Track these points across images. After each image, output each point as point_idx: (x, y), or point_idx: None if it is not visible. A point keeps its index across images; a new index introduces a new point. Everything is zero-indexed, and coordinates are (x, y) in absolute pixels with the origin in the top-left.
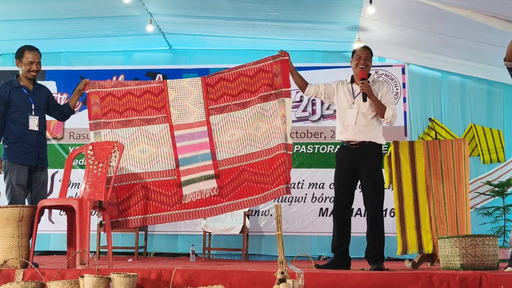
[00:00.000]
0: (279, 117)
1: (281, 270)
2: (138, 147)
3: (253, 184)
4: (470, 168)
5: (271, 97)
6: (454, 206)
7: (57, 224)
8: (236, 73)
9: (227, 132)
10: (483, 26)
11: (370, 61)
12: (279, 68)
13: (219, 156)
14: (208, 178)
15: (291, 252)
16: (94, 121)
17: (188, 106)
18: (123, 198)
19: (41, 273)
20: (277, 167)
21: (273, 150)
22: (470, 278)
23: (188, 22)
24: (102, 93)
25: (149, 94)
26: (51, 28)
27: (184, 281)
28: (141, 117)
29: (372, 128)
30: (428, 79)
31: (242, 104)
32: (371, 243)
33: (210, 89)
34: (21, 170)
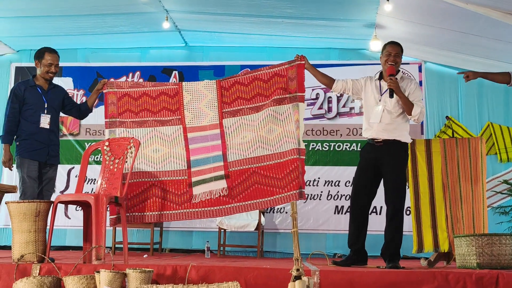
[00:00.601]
0: (292, 122)
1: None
2: (151, 147)
3: (263, 187)
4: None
5: (285, 101)
6: (471, 205)
7: (73, 220)
8: (251, 77)
9: (239, 135)
10: (501, 23)
11: (400, 58)
12: (294, 73)
13: (230, 157)
14: (218, 178)
15: (306, 249)
16: (109, 120)
17: (202, 108)
18: (132, 194)
19: (57, 268)
20: (290, 172)
21: (285, 155)
22: (486, 277)
23: (204, 19)
24: (119, 93)
25: (165, 96)
26: (67, 24)
27: (199, 277)
28: (155, 118)
29: (397, 126)
30: (445, 77)
31: (256, 108)
32: (388, 241)
33: (225, 92)
34: (31, 164)
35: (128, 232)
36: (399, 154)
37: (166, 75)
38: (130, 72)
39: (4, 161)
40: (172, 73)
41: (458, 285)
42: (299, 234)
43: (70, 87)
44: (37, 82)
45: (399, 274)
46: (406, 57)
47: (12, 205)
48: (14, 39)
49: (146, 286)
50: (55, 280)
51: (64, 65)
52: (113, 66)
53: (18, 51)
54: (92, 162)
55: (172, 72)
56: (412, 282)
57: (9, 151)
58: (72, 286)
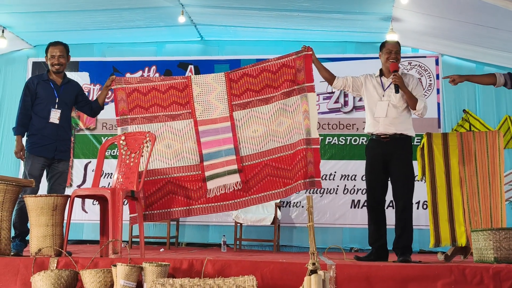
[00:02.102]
0: (300, 113)
1: (312, 261)
2: (164, 142)
3: (275, 179)
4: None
5: (294, 92)
6: (488, 199)
7: (90, 214)
8: (259, 69)
9: (250, 128)
10: None
11: (400, 54)
12: (302, 63)
13: (242, 152)
14: (231, 172)
15: (323, 243)
16: (121, 117)
17: (211, 101)
18: (150, 192)
19: (75, 262)
20: (297, 162)
21: (294, 146)
22: (503, 271)
23: (220, 13)
24: (128, 89)
25: (174, 90)
26: (84, 19)
27: (216, 271)
28: (166, 113)
29: (403, 120)
30: (462, 70)
31: (265, 99)
32: (399, 235)
33: (234, 84)
34: (35, 161)
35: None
36: (406, 149)
37: (182, 69)
38: (146, 66)
39: (16, 152)
40: (188, 67)
41: (475, 279)
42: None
43: (86, 81)
44: (50, 77)
45: (416, 268)
46: (422, 50)
47: (30, 200)
48: (31, 34)
49: (162, 279)
50: (72, 274)
51: (81, 60)
52: (129, 60)
53: (35, 46)
54: (108, 156)
55: (188, 67)
56: (429, 276)
57: (21, 142)
58: (89, 279)
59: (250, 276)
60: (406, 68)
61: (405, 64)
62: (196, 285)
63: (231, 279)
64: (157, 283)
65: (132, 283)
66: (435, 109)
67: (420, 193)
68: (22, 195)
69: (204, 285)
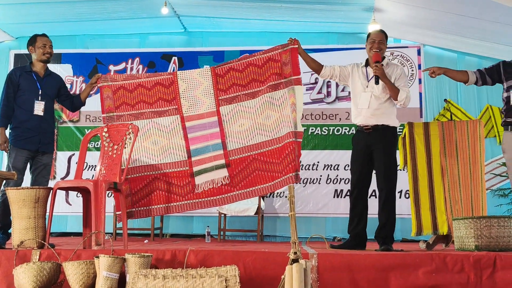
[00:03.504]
0: (288, 106)
1: (294, 250)
2: (150, 138)
3: (263, 173)
4: (487, 149)
5: (281, 85)
6: (469, 187)
7: (74, 206)
8: (245, 63)
9: (237, 122)
10: (500, 6)
11: (385, 44)
12: (288, 57)
13: (229, 146)
14: (219, 167)
15: (306, 233)
16: (107, 115)
17: (198, 96)
18: (136, 189)
19: (57, 254)
20: (286, 155)
21: (283, 139)
22: (484, 259)
23: (203, 4)
24: (114, 86)
25: (160, 86)
26: (66, 11)
27: (198, 262)
28: (152, 109)
29: (385, 111)
30: (444, 60)
31: (252, 94)
32: (382, 224)
33: (220, 79)
34: (18, 154)
35: None
36: (388, 139)
37: (165, 61)
38: (130, 58)
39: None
40: (172, 59)
41: (456, 267)
42: (299, 218)
43: (69, 73)
44: (33, 69)
45: (397, 256)
46: (404, 40)
47: (11, 192)
48: (13, 26)
49: (145, 270)
50: (54, 266)
51: (63, 52)
52: (112, 52)
53: (17, 38)
54: (92, 148)
55: (172, 58)
56: (410, 264)
57: (5, 134)
58: (72, 271)
59: (232, 266)
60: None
61: (387, 54)
62: (179, 275)
63: (214, 269)
64: (140, 274)
65: (115, 274)
66: (417, 99)
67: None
68: (4, 187)
69: (187, 275)
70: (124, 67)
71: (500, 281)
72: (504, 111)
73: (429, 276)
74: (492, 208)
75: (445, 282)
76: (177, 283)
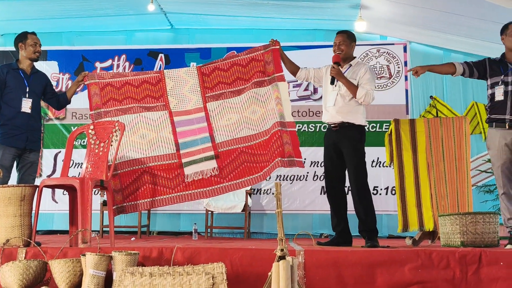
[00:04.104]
0: (273, 100)
1: (281, 247)
2: (138, 132)
3: (252, 164)
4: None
5: (265, 83)
6: (455, 184)
7: (61, 204)
8: (230, 63)
9: (224, 117)
10: (486, 3)
11: (346, 45)
12: (270, 57)
13: (218, 138)
14: (208, 158)
15: (293, 230)
16: (95, 111)
17: (185, 94)
18: (126, 184)
19: (43, 252)
20: (272, 143)
21: (269, 131)
22: (469, 255)
23: (190, 1)
24: (101, 83)
25: (147, 84)
26: (52, 7)
27: (185, 259)
28: (140, 104)
29: (350, 109)
30: (430, 57)
31: (237, 91)
32: (363, 219)
33: (206, 78)
34: (6, 152)
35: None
36: (354, 136)
37: (152, 58)
38: (116, 55)
39: None
40: (158, 56)
41: (442, 263)
42: (286, 214)
43: (55, 70)
44: (20, 66)
45: (383, 253)
46: (391, 37)
47: None
48: None
49: (132, 268)
50: (41, 264)
51: (49, 49)
52: (99, 49)
53: (2, 35)
54: (78, 146)
55: (158, 55)
56: (396, 261)
57: None
58: (58, 269)
59: (219, 263)
60: (374, 55)
61: (373, 51)
62: (166, 273)
63: (201, 266)
64: (127, 271)
65: (102, 272)
66: (403, 96)
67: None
68: None
69: (174, 273)
70: (111, 64)
71: (485, 277)
72: (488, 108)
73: (415, 272)
74: (478, 204)
75: (431, 278)
76: (164, 281)
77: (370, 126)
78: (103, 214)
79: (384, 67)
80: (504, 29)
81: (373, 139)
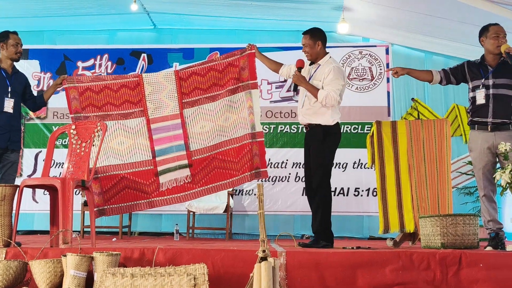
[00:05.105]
0: (245, 109)
1: (263, 248)
2: (116, 139)
3: (222, 171)
4: (453, 148)
5: (239, 89)
6: (436, 186)
7: (41, 204)
8: (207, 68)
9: (198, 124)
10: (467, 6)
11: (311, 46)
12: (246, 62)
13: (192, 147)
14: (182, 167)
15: (275, 231)
16: (75, 115)
17: (163, 99)
18: (107, 187)
19: (24, 252)
20: (243, 155)
21: (240, 140)
22: (450, 256)
23: (173, 1)
24: (80, 88)
25: (126, 89)
26: (33, 6)
27: (167, 260)
28: (119, 111)
29: (316, 111)
30: (411, 59)
31: (212, 97)
32: (314, 218)
33: (183, 83)
34: None
35: None
36: (319, 137)
37: (134, 58)
38: (98, 54)
39: None
40: (141, 55)
41: (422, 265)
42: (267, 215)
43: (36, 70)
44: (1, 65)
45: (364, 254)
46: (373, 39)
47: None
48: None
49: (113, 269)
50: (21, 265)
51: (31, 48)
52: (81, 48)
53: None
54: (60, 146)
55: (141, 55)
56: (377, 262)
57: None
58: (38, 270)
59: (201, 264)
60: (357, 57)
61: (356, 53)
62: (147, 274)
63: (182, 267)
64: (108, 272)
65: (83, 273)
66: (385, 98)
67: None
68: None
69: (155, 273)
70: (93, 64)
71: (464, 279)
72: (470, 111)
73: (396, 273)
74: (458, 206)
75: (412, 279)
76: (145, 282)
77: (352, 128)
78: (84, 215)
79: (366, 69)
80: (483, 31)
81: (355, 141)
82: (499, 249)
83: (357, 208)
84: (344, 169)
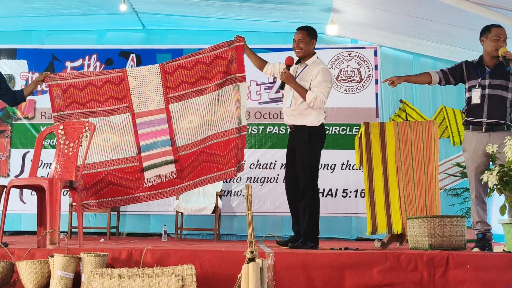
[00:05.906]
0: (233, 102)
1: (251, 249)
2: (102, 136)
3: (209, 164)
4: (441, 150)
5: (227, 82)
6: (423, 187)
7: (29, 204)
8: (194, 61)
9: (186, 119)
10: (455, 9)
11: (306, 43)
12: (234, 54)
13: (178, 142)
14: (168, 163)
15: (263, 232)
16: (58, 114)
17: (148, 93)
18: (90, 184)
19: (11, 253)
20: (230, 150)
21: (227, 133)
22: (437, 258)
23: (162, 2)
24: (63, 85)
25: (110, 84)
26: (22, 5)
27: (155, 261)
28: (103, 108)
29: (302, 112)
30: (400, 61)
31: (200, 91)
32: (301, 219)
33: (169, 77)
34: None
35: (85, 216)
36: (305, 138)
37: (123, 58)
38: (87, 55)
39: None
40: (130, 56)
41: (410, 266)
42: (256, 216)
43: (24, 69)
44: None
45: (352, 255)
46: (362, 41)
47: None
48: None
49: (100, 270)
50: (8, 265)
51: (18, 47)
52: (69, 48)
53: None
54: (47, 146)
55: (130, 56)
56: (365, 263)
57: None
58: (25, 271)
59: (189, 265)
60: (345, 59)
61: (344, 55)
62: (135, 274)
63: (170, 268)
64: (95, 273)
65: (70, 273)
66: (373, 99)
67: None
68: None
69: (143, 274)
70: (81, 64)
71: (452, 280)
72: (465, 111)
73: (383, 274)
74: (445, 207)
75: (399, 280)
76: (133, 283)
77: (340, 129)
78: (72, 215)
79: (354, 70)
80: (485, 31)
81: (343, 142)
82: (486, 250)
83: (345, 209)
84: (332, 170)
